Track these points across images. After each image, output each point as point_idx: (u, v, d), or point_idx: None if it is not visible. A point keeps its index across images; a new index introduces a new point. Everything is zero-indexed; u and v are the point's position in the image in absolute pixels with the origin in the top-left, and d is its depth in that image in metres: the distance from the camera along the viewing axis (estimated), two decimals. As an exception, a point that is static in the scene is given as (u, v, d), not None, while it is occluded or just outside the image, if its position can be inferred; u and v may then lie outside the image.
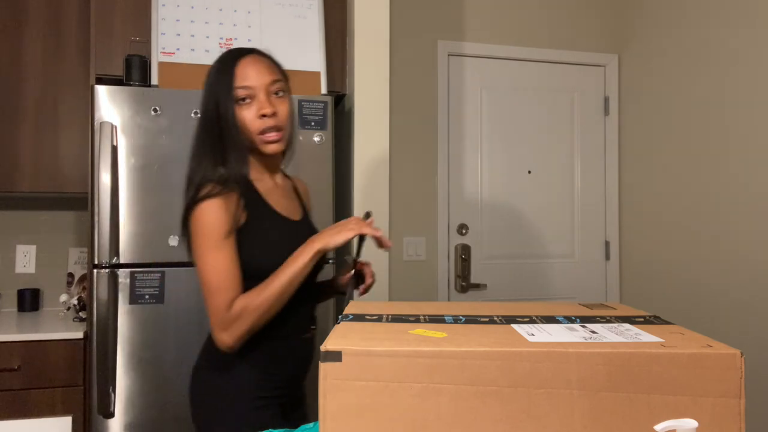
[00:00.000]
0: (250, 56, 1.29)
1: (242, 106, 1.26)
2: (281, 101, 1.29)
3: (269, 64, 1.31)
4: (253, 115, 1.26)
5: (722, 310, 2.51)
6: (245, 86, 1.25)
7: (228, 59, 1.29)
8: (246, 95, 1.26)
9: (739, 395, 0.66)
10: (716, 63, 2.55)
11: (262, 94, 1.26)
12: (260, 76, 1.27)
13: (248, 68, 1.27)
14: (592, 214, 3.14)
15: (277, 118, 1.27)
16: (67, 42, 2.36)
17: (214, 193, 1.21)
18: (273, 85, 1.28)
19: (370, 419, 0.66)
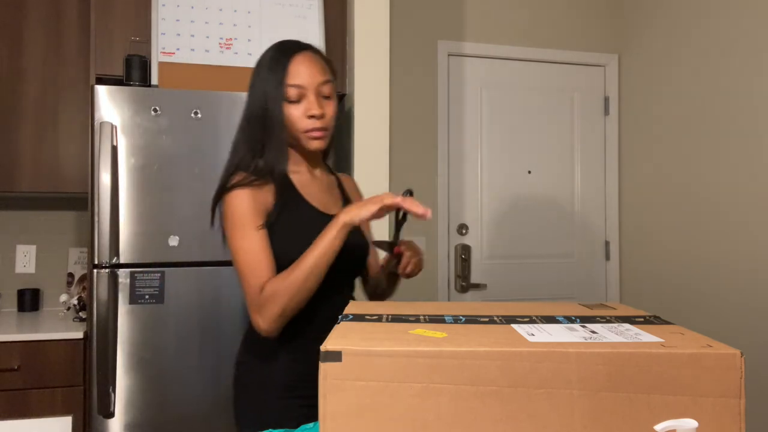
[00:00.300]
0: (304, 53, 1.29)
1: (291, 104, 1.27)
2: (329, 103, 1.30)
3: (322, 63, 1.30)
4: (300, 113, 1.27)
5: (722, 310, 2.51)
6: (297, 85, 1.26)
7: (282, 54, 1.28)
8: (297, 95, 1.26)
9: (739, 395, 0.66)
10: (716, 63, 2.55)
11: (312, 95, 1.27)
12: (312, 75, 1.27)
13: (301, 66, 1.27)
14: (592, 214, 3.14)
15: (324, 120, 1.28)
16: (67, 42, 2.36)
17: (245, 182, 1.24)
18: (323, 86, 1.28)
19: (370, 419, 0.66)
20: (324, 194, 1.37)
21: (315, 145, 1.29)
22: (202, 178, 1.97)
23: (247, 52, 2.19)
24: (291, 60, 1.26)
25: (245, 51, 2.19)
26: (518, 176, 3.03)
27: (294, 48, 1.29)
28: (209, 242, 1.97)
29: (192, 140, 1.97)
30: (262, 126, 1.28)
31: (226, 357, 1.97)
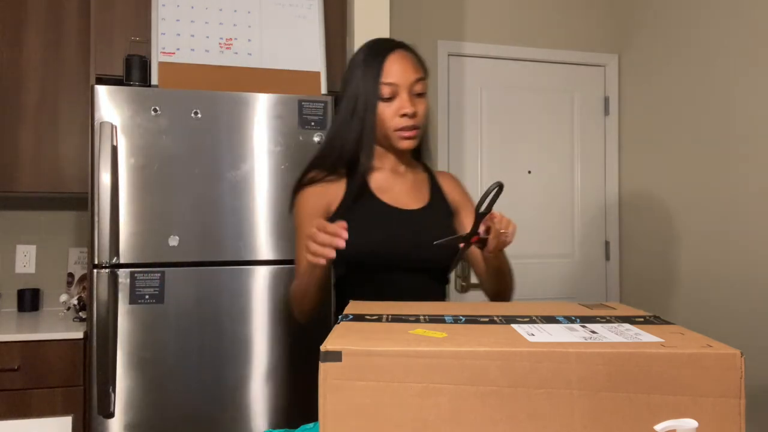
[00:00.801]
0: (398, 52, 1.30)
1: (384, 101, 1.28)
2: (421, 101, 1.31)
3: (415, 61, 1.32)
4: (393, 112, 1.28)
5: (722, 310, 2.51)
6: (390, 83, 1.27)
7: (377, 52, 1.30)
8: (390, 93, 1.27)
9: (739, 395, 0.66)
10: (716, 63, 2.55)
11: (404, 93, 1.28)
12: (406, 74, 1.28)
13: (395, 64, 1.28)
14: (592, 214, 3.14)
15: (415, 119, 1.29)
16: (67, 42, 2.36)
17: (316, 179, 1.31)
18: (416, 85, 1.29)
19: (370, 419, 0.66)
20: (404, 191, 1.36)
21: (405, 144, 1.30)
22: (202, 178, 1.97)
23: (247, 52, 2.19)
24: (386, 58, 1.28)
25: (245, 51, 2.19)
26: (518, 176, 3.03)
27: (388, 46, 1.31)
28: (209, 242, 1.97)
29: (192, 140, 1.97)
30: (354, 122, 1.30)
31: (226, 357, 1.97)
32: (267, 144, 2.02)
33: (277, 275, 2.02)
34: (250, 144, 2.01)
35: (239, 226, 1.99)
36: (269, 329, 2.01)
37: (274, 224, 2.02)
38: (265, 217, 2.02)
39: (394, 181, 1.37)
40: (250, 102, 2.01)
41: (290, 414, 2.02)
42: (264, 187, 2.02)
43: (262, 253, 2.01)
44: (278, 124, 2.03)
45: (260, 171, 2.02)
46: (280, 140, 2.04)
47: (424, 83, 1.31)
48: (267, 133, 2.03)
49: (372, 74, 1.27)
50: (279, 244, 2.03)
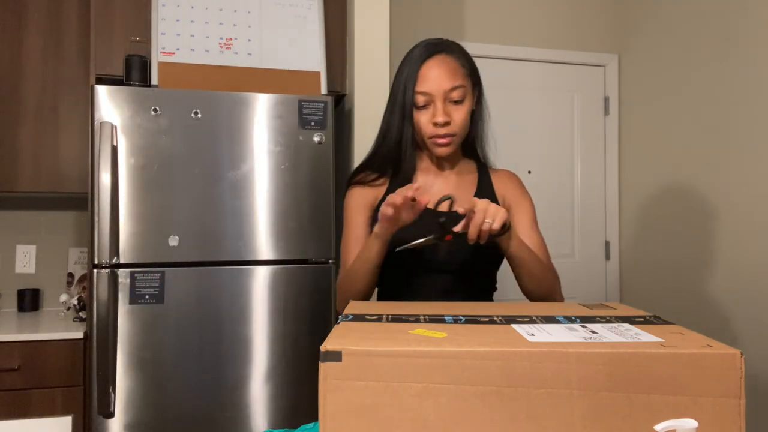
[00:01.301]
0: (438, 57, 1.29)
1: (419, 109, 1.29)
2: (458, 108, 1.29)
3: (454, 66, 1.29)
4: (427, 120, 1.29)
5: (722, 310, 2.51)
6: (424, 92, 1.28)
7: (418, 56, 1.30)
8: (424, 102, 1.28)
9: (739, 395, 0.66)
10: (716, 63, 2.54)
11: (439, 102, 1.28)
12: (441, 81, 1.27)
13: (431, 72, 1.28)
14: (592, 214, 3.14)
15: (449, 127, 1.29)
16: (67, 42, 2.36)
17: (362, 180, 1.37)
18: (452, 92, 1.28)
19: (370, 419, 0.66)
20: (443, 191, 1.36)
21: (440, 151, 1.31)
22: (202, 178, 1.97)
23: (247, 52, 2.19)
24: (422, 65, 1.28)
25: (245, 51, 2.19)
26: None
27: (428, 51, 1.29)
28: (209, 242, 1.97)
29: (192, 140, 1.97)
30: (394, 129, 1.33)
31: (226, 357, 1.97)
32: (267, 144, 2.02)
33: (277, 275, 2.02)
34: (250, 144, 2.01)
35: (239, 226, 1.99)
36: (269, 329, 2.01)
37: (274, 224, 2.02)
38: (265, 217, 2.02)
39: (435, 182, 1.38)
40: (250, 102, 2.01)
41: (290, 414, 2.02)
42: (264, 187, 2.02)
43: (262, 253, 2.01)
44: (278, 124, 2.03)
45: (260, 171, 2.02)
46: (280, 140, 2.04)
47: (461, 90, 1.29)
48: (267, 133, 2.03)
49: (409, 81, 1.29)
50: (279, 244, 2.03)
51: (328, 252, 2.07)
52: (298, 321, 2.04)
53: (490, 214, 1.10)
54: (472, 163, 1.45)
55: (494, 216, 1.10)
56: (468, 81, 1.31)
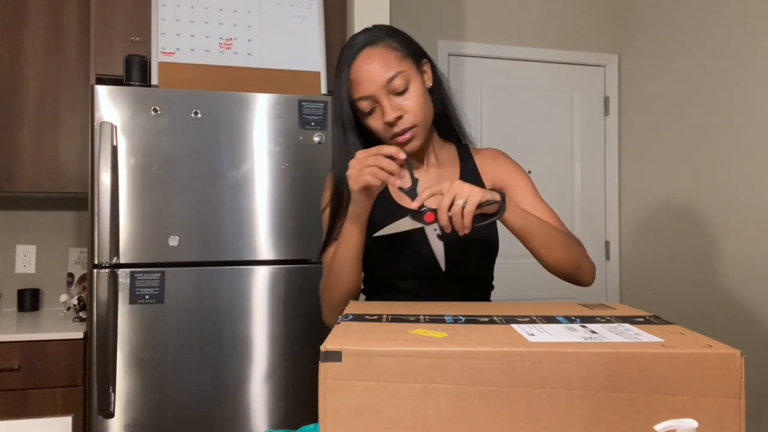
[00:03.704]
0: (363, 54, 1.14)
1: (369, 115, 1.16)
2: (406, 96, 1.14)
3: (384, 55, 1.14)
4: (379, 123, 1.15)
5: (722, 310, 2.51)
6: (363, 97, 1.14)
7: (342, 64, 1.16)
8: (369, 106, 1.14)
9: (739, 395, 0.66)
10: (716, 63, 2.54)
11: (383, 99, 1.13)
12: (375, 78, 1.12)
13: (361, 72, 1.13)
14: (592, 214, 3.14)
15: (404, 120, 1.14)
16: (67, 42, 2.36)
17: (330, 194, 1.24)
18: (391, 84, 1.12)
19: (370, 419, 0.66)
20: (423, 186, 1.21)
21: (408, 148, 1.16)
22: (202, 178, 1.97)
23: (247, 52, 2.19)
24: (351, 69, 1.14)
25: (245, 51, 2.19)
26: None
27: (352, 52, 1.15)
28: (209, 242, 1.97)
29: (192, 140, 1.97)
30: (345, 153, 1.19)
31: (227, 357, 1.97)
32: (267, 144, 2.02)
33: (277, 275, 2.02)
34: (250, 144, 2.01)
35: (239, 226, 1.99)
36: (269, 329, 2.01)
37: (274, 224, 2.02)
38: (265, 217, 2.02)
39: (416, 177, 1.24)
40: (250, 102, 2.01)
41: (290, 414, 2.02)
42: (264, 187, 2.02)
43: (262, 253, 2.01)
44: (278, 124, 2.03)
45: (260, 171, 2.02)
46: (280, 140, 2.03)
47: (401, 76, 1.13)
48: (267, 133, 2.03)
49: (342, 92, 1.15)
50: (279, 244, 2.03)
51: (328, 252, 2.07)
52: (298, 321, 2.04)
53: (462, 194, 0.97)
54: (452, 148, 1.30)
55: (467, 196, 0.97)
56: (407, 62, 1.15)
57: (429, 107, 1.18)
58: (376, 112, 1.15)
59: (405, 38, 1.18)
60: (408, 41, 1.18)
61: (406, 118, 1.14)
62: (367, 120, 1.16)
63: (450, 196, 0.98)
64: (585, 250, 1.18)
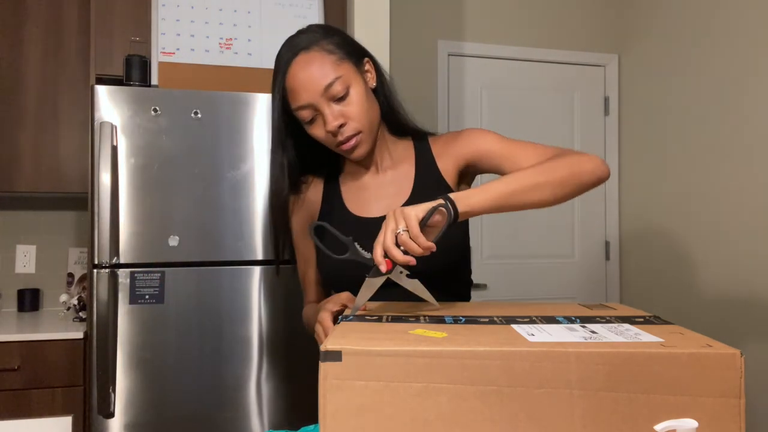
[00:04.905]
0: (298, 60, 1.09)
1: (311, 124, 1.10)
2: (348, 102, 1.08)
3: (319, 60, 1.08)
4: (322, 131, 1.10)
5: (722, 310, 2.51)
6: (302, 106, 1.08)
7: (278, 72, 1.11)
8: (310, 115, 1.09)
9: (739, 395, 0.66)
10: (716, 63, 2.54)
11: (323, 107, 1.07)
12: (312, 85, 1.06)
13: (298, 78, 1.07)
14: (592, 214, 3.14)
15: (347, 126, 1.08)
16: (67, 42, 2.36)
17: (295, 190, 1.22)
18: (330, 90, 1.06)
19: (370, 419, 0.66)
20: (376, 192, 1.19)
21: (354, 156, 1.12)
22: (202, 178, 1.97)
23: (247, 52, 2.19)
24: (286, 78, 1.09)
25: (245, 51, 2.19)
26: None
27: (286, 58, 1.10)
28: (209, 242, 1.97)
29: (192, 140, 1.97)
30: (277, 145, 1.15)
31: (227, 357, 1.97)
32: (267, 144, 2.02)
33: (277, 275, 2.02)
34: (250, 144, 2.01)
35: (239, 226, 1.99)
36: (269, 329, 2.01)
37: (274, 224, 2.02)
38: (265, 217, 2.02)
39: (370, 183, 1.20)
40: (250, 102, 2.01)
41: (290, 414, 2.02)
42: (264, 187, 2.02)
43: (262, 253, 2.01)
44: (278, 124, 2.03)
45: (260, 171, 2.02)
46: (280, 140, 2.03)
47: (340, 81, 1.06)
48: (267, 133, 2.03)
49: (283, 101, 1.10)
50: (279, 244, 2.03)
51: (328, 252, 2.07)
52: (298, 321, 2.03)
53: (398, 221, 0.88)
54: (407, 144, 1.22)
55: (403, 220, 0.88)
56: (345, 65, 1.09)
57: (374, 109, 1.12)
58: (318, 120, 1.09)
59: (342, 38, 1.12)
60: (345, 41, 1.12)
61: (349, 125, 1.08)
62: (309, 129, 1.11)
63: (389, 233, 0.88)
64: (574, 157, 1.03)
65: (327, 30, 1.12)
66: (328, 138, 1.10)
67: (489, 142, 1.14)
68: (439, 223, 0.90)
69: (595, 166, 1.03)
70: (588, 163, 1.02)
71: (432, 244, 0.87)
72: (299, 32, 1.13)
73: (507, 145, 1.12)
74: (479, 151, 1.15)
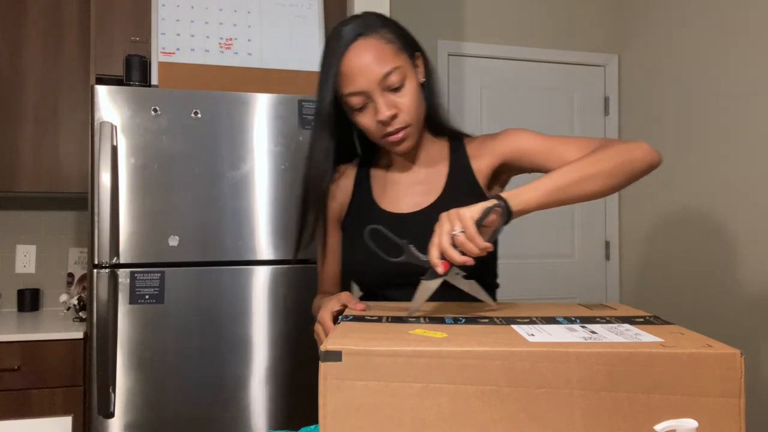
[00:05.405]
0: (357, 45, 1.05)
1: (359, 112, 1.08)
2: (401, 93, 1.07)
3: (380, 47, 1.05)
4: (370, 120, 1.08)
5: (722, 310, 2.51)
6: (355, 92, 1.05)
7: (332, 55, 1.07)
8: (361, 102, 1.06)
9: (739, 395, 0.66)
10: (716, 63, 2.55)
11: (377, 96, 1.05)
12: (370, 72, 1.04)
13: (354, 65, 1.04)
14: (592, 214, 3.14)
15: (399, 119, 1.07)
16: (67, 42, 2.36)
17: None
18: (387, 79, 1.04)
19: (370, 419, 0.66)
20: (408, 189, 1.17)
21: (399, 149, 1.11)
22: (202, 178, 1.97)
23: (247, 52, 2.19)
24: (342, 61, 1.05)
25: (245, 51, 2.19)
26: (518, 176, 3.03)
27: (344, 42, 1.06)
28: (209, 242, 1.97)
29: (192, 140, 1.97)
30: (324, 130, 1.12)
31: (227, 357, 1.97)
32: (267, 144, 2.02)
33: (277, 275, 2.02)
34: (250, 144, 2.01)
35: (239, 226, 1.99)
36: (269, 329, 2.01)
37: (274, 224, 2.02)
38: (265, 217, 2.02)
39: (402, 178, 1.19)
40: (250, 102, 2.01)
41: (290, 414, 2.02)
42: (264, 187, 2.02)
43: (262, 253, 2.01)
44: (278, 124, 2.03)
45: (260, 171, 2.02)
46: (280, 140, 2.04)
47: (398, 72, 1.05)
48: (267, 133, 2.03)
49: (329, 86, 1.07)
50: (279, 244, 2.03)
51: (328, 252, 2.07)
52: (298, 321, 2.04)
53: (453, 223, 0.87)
54: (443, 144, 1.21)
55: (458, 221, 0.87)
56: (403, 56, 1.07)
57: (422, 104, 1.12)
58: (368, 108, 1.07)
59: (400, 29, 1.10)
60: (403, 33, 1.10)
61: (400, 117, 1.07)
62: (356, 116, 1.09)
63: (444, 234, 0.87)
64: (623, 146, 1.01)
65: (384, 19, 1.10)
66: (377, 128, 1.08)
67: (528, 139, 1.13)
68: (493, 223, 0.90)
69: (645, 153, 1.01)
70: (638, 151, 1.00)
71: (489, 245, 0.87)
72: (354, 17, 1.10)
73: (547, 141, 1.11)
74: (519, 149, 1.14)
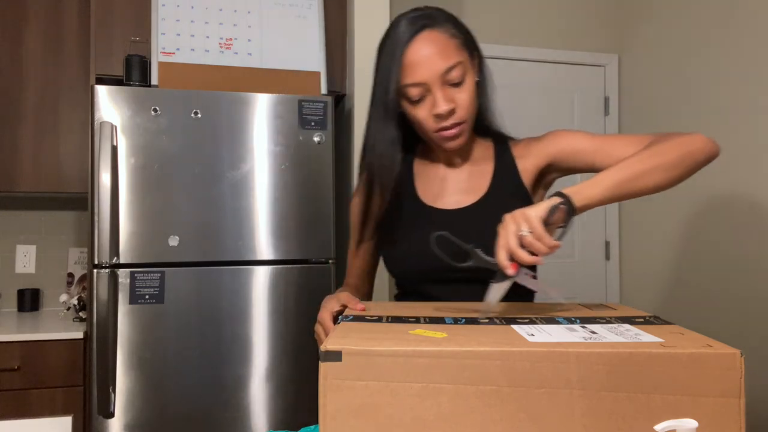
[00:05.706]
0: (422, 36, 1.04)
1: (414, 104, 1.07)
2: (460, 90, 1.06)
3: (444, 41, 1.05)
4: (426, 113, 1.07)
5: (722, 310, 2.51)
6: (416, 83, 1.04)
7: (396, 43, 1.05)
8: (419, 93, 1.05)
9: (739, 395, 0.66)
10: (716, 63, 2.54)
11: (437, 89, 1.05)
12: (433, 65, 1.03)
13: (418, 56, 1.03)
14: (592, 214, 3.14)
15: (456, 114, 1.07)
16: (67, 42, 2.36)
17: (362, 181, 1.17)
18: (449, 74, 1.04)
19: (370, 419, 0.66)
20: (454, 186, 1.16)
21: (451, 146, 1.10)
22: (202, 178, 1.97)
23: (247, 52, 2.19)
24: (405, 50, 1.04)
25: (245, 51, 2.19)
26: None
27: (410, 31, 1.05)
28: (209, 242, 1.97)
29: (192, 140, 1.97)
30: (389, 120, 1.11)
31: (226, 357, 1.97)
32: (267, 144, 2.02)
33: (277, 275, 2.02)
34: (250, 144, 2.01)
35: (239, 226, 1.99)
36: (269, 329, 2.01)
37: (274, 224, 2.02)
38: (265, 217, 2.02)
39: (446, 174, 1.18)
40: (250, 102, 2.01)
41: (290, 414, 2.02)
42: (264, 187, 2.02)
43: (262, 253, 2.01)
44: (278, 124, 2.03)
45: (260, 171, 2.02)
46: (280, 140, 2.04)
47: (460, 67, 1.04)
48: (267, 133, 2.03)
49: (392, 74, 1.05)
50: (279, 244, 2.03)
51: (328, 252, 2.07)
52: (298, 321, 2.04)
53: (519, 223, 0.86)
54: (488, 144, 1.20)
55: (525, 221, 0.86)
56: (464, 52, 1.07)
57: (476, 103, 1.11)
58: (425, 101, 1.06)
59: (461, 26, 1.09)
60: (466, 31, 1.09)
61: (458, 113, 1.06)
62: (412, 108, 1.08)
63: (511, 235, 0.86)
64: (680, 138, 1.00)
65: (448, 14, 1.09)
66: (433, 121, 1.07)
67: (576, 138, 1.12)
68: (558, 221, 0.89)
69: (704, 144, 1.01)
70: (697, 142, 1.00)
71: (558, 243, 0.86)
72: (414, 9, 1.09)
73: (595, 140, 1.11)
74: (568, 148, 1.13)
